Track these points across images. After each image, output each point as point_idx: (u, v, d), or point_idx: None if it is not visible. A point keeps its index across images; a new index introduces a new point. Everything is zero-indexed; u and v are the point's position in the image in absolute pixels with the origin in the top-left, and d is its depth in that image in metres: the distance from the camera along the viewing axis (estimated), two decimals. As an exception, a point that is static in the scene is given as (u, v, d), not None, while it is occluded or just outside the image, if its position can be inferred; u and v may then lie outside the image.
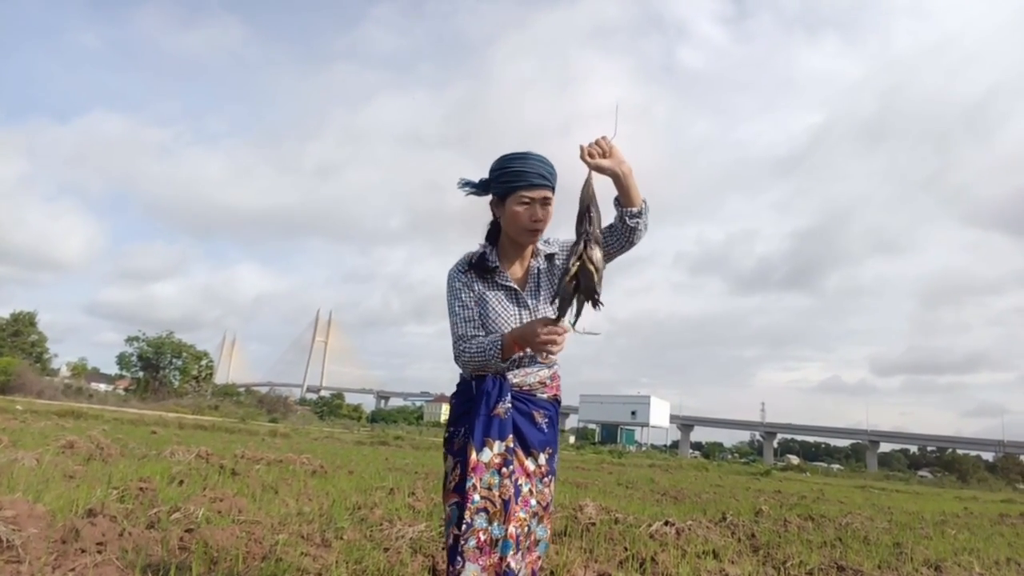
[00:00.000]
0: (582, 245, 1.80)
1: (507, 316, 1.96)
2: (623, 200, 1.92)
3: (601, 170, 1.85)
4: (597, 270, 1.79)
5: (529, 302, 1.99)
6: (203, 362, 55.00)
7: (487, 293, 1.98)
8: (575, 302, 1.81)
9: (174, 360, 52.74)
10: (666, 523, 5.17)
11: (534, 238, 1.99)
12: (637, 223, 1.94)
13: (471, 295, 1.98)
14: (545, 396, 2.02)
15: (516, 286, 2.00)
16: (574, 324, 1.81)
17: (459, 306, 1.98)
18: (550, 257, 2.07)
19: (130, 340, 51.76)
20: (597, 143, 1.85)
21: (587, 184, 1.87)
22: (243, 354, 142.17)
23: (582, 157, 1.84)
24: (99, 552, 3.01)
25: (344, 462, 9.92)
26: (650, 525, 5.09)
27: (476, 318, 1.97)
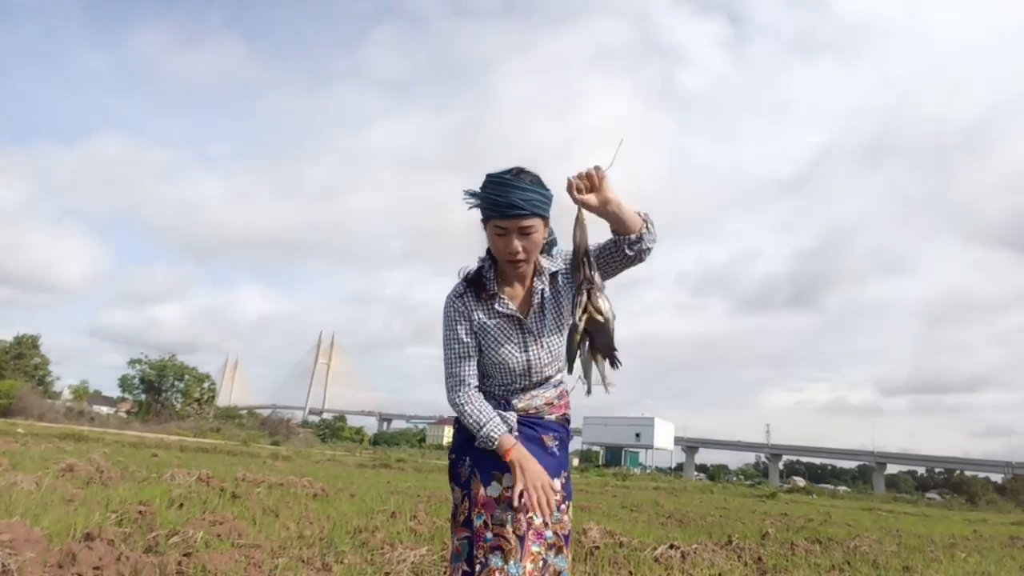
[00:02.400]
0: (585, 296, 1.67)
1: (510, 349, 1.83)
2: (617, 229, 1.77)
3: (586, 206, 1.71)
4: (607, 321, 1.66)
5: (534, 329, 1.85)
6: (205, 384, 54.88)
7: (488, 322, 1.84)
8: (593, 363, 1.68)
9: (176, 383, 52.62)
10: (671, 546, 5.10)
11: (516, 269, 1.81)
12: (639, 248, 1.78)
13: (467, 326, 1.84)
14: (553, 417, 1.91)
15: (518, 313, 1.85)
16: (603, 383, 1.69)
17: (454, 340, 1.84)
18: (554, 276, 1.90)
19: (133, 363, 51.75)
20: (587, 175, 1.68)
21: (579, 223, 1.73)
22: (245, 377, 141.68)
23: (569, 191, 1.70)
24: (96, 577, 2.98)
25: (346, 485, 9.84)
26: (655, 549, 5.03)
27: (472, 353, 1.84)
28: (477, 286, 1.86)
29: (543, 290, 1.87)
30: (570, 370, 1.72)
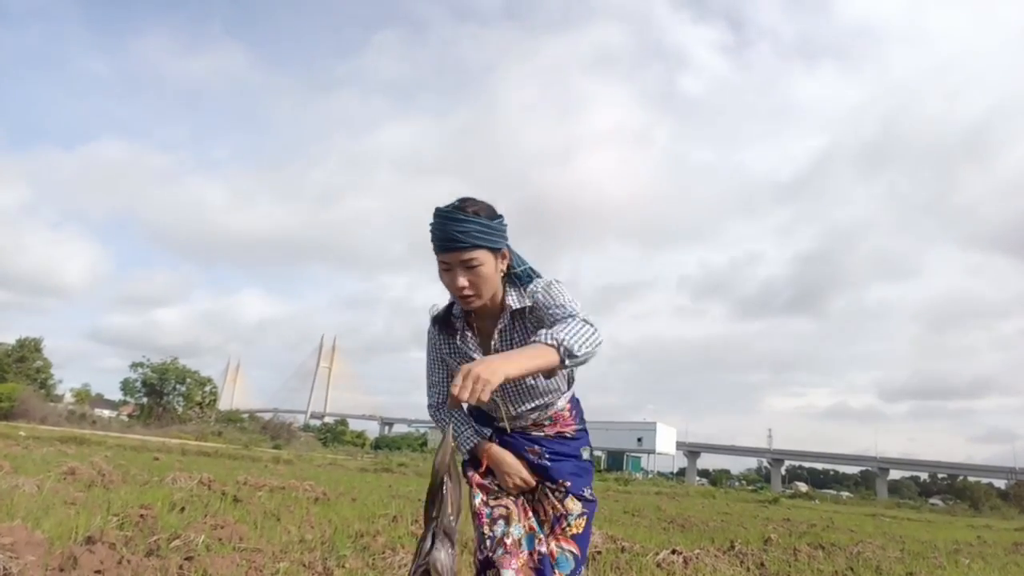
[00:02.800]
0: (429, 542, 1.47)
1: None
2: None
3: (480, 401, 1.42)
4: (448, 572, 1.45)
5: None
6: (207, 388, 54.88)
7: (450, 360, 1.88)
8: None
9: (178, 386, 52.63)
10: (673, 552, 5.08)
11: (468, 304, 1.73)
12: (566, 371, 1.73)
13: (437, 356, 1.92)
14: (543, 434, 1.91)
15: (477, 353, 1.82)
16: None
17: (430, 366, 1.95)
18: (520, 313, 1.79)
19: (134, 366, 51.77)
20: (456, 399, 1.40)
21: (442, 449, 1.53)
22: (246, 380, 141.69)
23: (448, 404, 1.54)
24: (97, 580, 2.97)
25: (347, 489, 9.83)
26: (657, 554, 5.01)
27: (443, 382, 1.92)
28: (444, 324, 1.89)
29: (502, 329, 1.81)
30: None
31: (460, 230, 1.64)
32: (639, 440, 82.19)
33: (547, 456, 1.89)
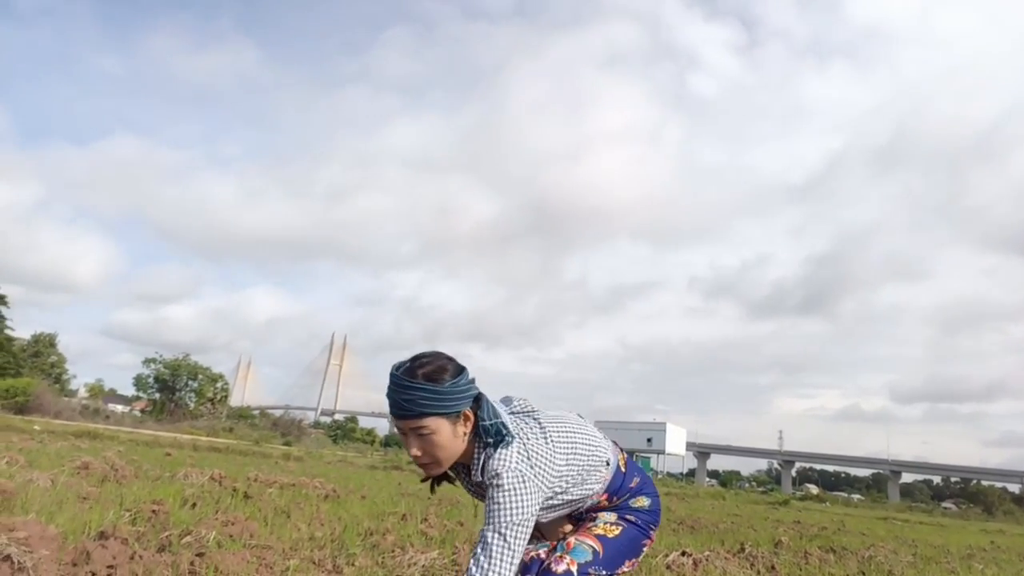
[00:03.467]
0: None
1: None
2: None
3: None
4: None
5: None
6: (218, 384, 55.29)
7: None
8: None
9: (190, 382, 53.05)
10: (683, 553, 5.05)
11: (427, 471, 1.71)
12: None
13: None
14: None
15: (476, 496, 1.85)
16: None
17: None
18: (480, 485, 1.74)
19: (147, 362, 52.25)
20: None
21: None
22: (257, 377, 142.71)
23: None
24: (109, 575, 2.99)
25: (357, 486, 9.86)
26: (667, 556, 4.98)
27: None
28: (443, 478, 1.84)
29: (471, 490, 1.84)
30: None
31: (405, 398, 1.59)
32: (649, 440, 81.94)
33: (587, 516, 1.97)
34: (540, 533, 1.92)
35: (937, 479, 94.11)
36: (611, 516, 1.87)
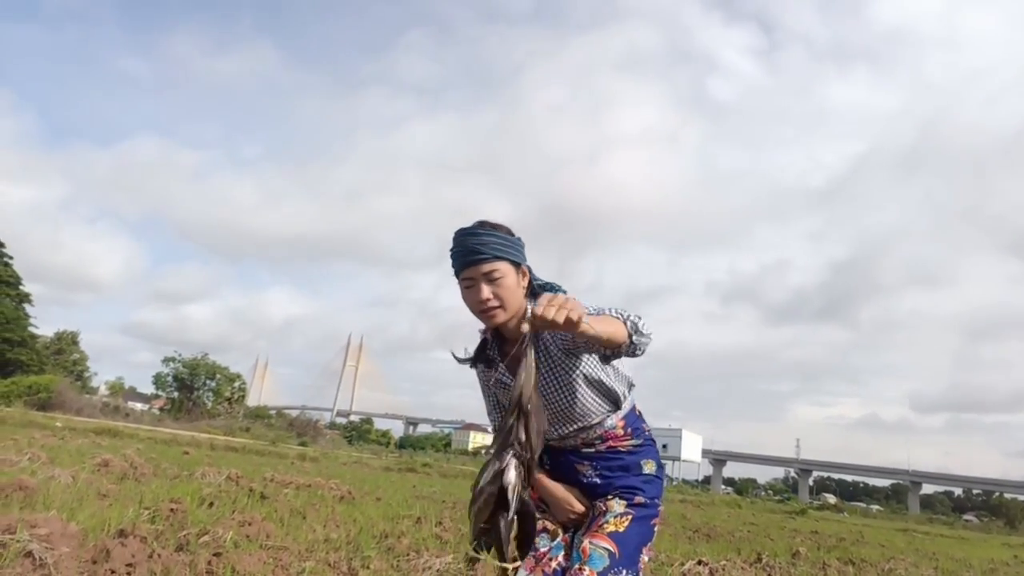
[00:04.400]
0: (501, 463, 1.42)
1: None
2: (602, 346, 1.61)
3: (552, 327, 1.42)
4: (515, 492, 1.41)
5: None
6: (236, 384, 55.77)
7: (499, 394, 1.87)
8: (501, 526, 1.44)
9: (208, 381, 53.56)
10: (699, 562, 5.01)
11: (493, 319, 1.72)
12: (629, 354, 1.67)
13: (490, 392, 1.92)
14: (592, 450, 1.90)
15: (510, 380, 1.79)
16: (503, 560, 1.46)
17: (487, 406, 1.97)
18: (537, 334, 1.72)
19: (167, 360, 52.83)
20: (552, 321, 1.39)
21: (526, 373, 1.46)
22: (274, 377, 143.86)
23: (530, 322, 1.46)
24: (128, 573, 3.02)
25: (372, 488, 9.89)
26: (683, 564, 4.94)
27: (497, 407, 1.93)
28: (482, 361, 1.88)
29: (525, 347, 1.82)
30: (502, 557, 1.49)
31: (480, 243, 1.69)
32: (664, 447, 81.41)
33: (597, 474, 1.90)
34: (545, 506, 1.90)
35: (958, 491, 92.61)
36: (619, 506, 1.85)
